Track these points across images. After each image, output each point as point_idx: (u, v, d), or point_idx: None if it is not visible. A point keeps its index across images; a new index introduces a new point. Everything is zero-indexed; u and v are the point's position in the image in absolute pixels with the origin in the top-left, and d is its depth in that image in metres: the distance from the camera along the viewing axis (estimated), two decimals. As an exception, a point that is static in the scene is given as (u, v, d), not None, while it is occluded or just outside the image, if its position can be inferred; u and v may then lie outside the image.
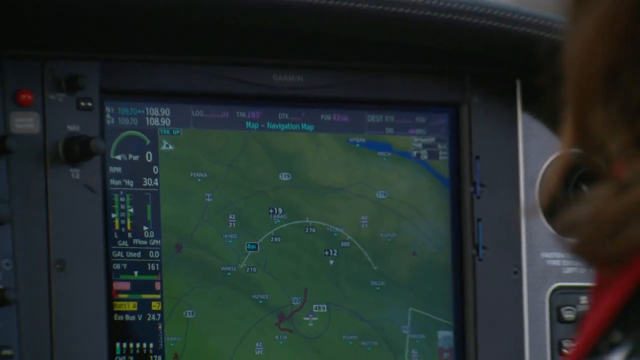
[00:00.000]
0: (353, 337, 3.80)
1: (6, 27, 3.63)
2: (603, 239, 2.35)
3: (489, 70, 3.82)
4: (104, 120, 3.68)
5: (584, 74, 2.30)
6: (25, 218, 3.62)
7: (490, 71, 3.82)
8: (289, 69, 3.82)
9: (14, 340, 3.58)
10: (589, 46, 2.29)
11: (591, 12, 2.30)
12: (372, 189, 3.87)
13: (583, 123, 2.33)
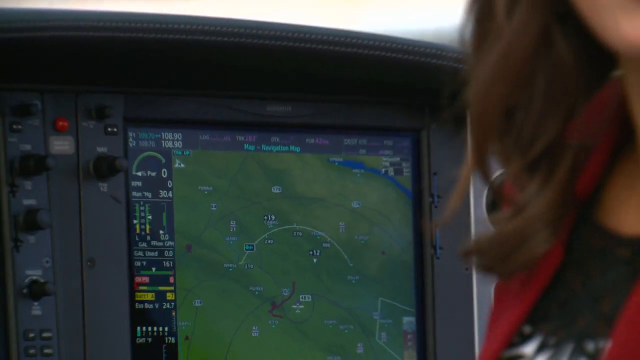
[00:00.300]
0: (333, 322, 3.82)
1: (46, 67, 3.66)
2: (504, 258, 2.35)
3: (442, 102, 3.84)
4: (127, 143, 3.69)
5: (484, 111, 2.31)
6: (62, 223, 3.62)
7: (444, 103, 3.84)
8: (280, 101, 3.83)
9: (53, 324, 3.59)
10: (486, 88, 2.29)
11: (487, 59, 2.33)
12: (348, 199, 3.88)
13: (482, 152, 2.35)
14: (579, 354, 2.30)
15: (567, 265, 2.38)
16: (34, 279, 3.60)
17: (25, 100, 3.60)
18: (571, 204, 2.39)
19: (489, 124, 2.36)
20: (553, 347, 2.33)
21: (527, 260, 2.36)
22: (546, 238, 2.36)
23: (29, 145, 3.60)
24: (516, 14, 2.31)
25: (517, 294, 2.42)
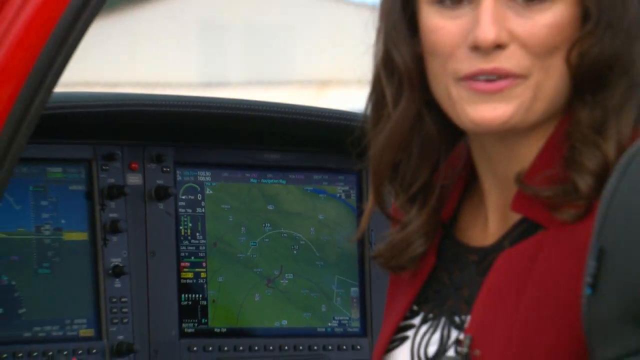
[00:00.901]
0: (306, 291, 3.90)
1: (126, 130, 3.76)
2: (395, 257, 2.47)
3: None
4: (175, 178, 3.79)
5: (378, 167, 2.41)
6: (134, 229, 3.75)
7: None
8: (272, 151, 3.91)
9: (128, 293, 3.70)
10: (380, 152, 2.39)
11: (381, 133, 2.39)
12: (316, 214, 3.94)
13: (378, 192, 2.45)
14: (450, 325, 2.42)
15: (438, 266, 2.49)
16: (116, 264, 3.68)
17: (111, 150, 3.70)
18: (438, 225, 2.49)
19: (382, 175, 2.44)
20: (432, 320, 2.45)
21: (409, 259, 2.46)
22: (421, 244, 2.46)
23: (113, 179, 3.70)
24: (400, 104, 2.40)
25: (407, 284, 2.51)
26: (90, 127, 3.71)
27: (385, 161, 2.46)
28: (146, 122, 3.81)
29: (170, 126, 3.83)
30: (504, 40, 2.33)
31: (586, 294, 2.08)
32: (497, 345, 2.37)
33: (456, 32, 2.37)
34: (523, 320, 2.35)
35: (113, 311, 3.67)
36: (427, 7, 2.40)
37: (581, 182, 2.32)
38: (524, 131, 2.41)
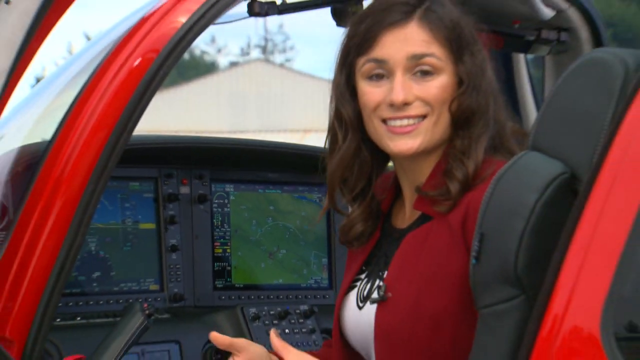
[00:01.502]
0: (294, 261, 3.79)
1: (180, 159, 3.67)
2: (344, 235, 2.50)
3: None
4: (211, 189, 3.70)
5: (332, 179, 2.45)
6: (184, 222, 3.64)
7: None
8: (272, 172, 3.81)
9: (180, 262, 3.60)
10: (332, 172, 2.42)
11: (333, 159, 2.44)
12: (300, 212, 3.84)
13: (332, 196, 2.50)
14: (376, 277, 2.45)
15: (379, 240, 2.53)
16: (173, 244, 3.59)
17: (170, 171, 3.63)
18: (374, 215, 2.52)
19: (334, 185, 2.50)
20: (369, 275, 2.50)
21: (354, 236, 2.51)
22: (360, 226, 2.49)
23: (171, 190, 3.61)
24: (346, 141, 2.45)
25: (360, 253, 2.54)
26: (157, 156, 3.62)
27: (337, 176, 2.49)
28: (193, 154, 3.71)
29: (208, 156, 3.73)
30: (410, 100, 2.36)
31: (472, 263, 2.10)
32: (402, 291, 2.37)
33: (380, 95, 2.39)
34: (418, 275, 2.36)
35: (170, 274, 3.58)
36: (362, 81, 2.41)
37: (452, 187, 2.34)
38: (425, 154, 2.42)
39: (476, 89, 2.38)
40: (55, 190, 2.58)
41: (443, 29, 2.36)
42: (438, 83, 2.37)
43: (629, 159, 1.91)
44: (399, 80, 2.36)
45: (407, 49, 2.35)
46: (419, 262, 2.35)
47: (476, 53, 2.39)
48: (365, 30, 2.38)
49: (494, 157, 2.39)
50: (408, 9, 2.36)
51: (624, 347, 1.86)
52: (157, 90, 2.62)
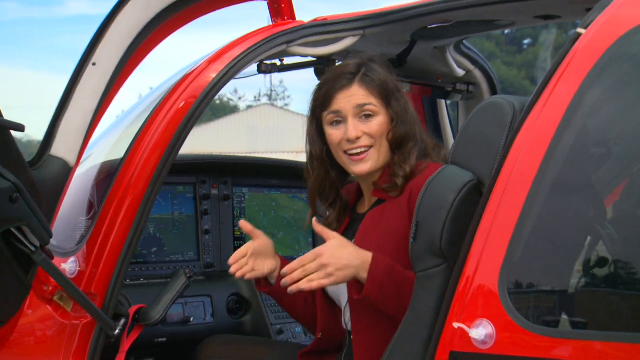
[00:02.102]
0: (289, 240, 3.69)
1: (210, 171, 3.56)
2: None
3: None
4: (233, 191, 3.60)
5: (312, 193, 2.40)
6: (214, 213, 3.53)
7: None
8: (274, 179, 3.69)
9: (212, 242, 3.50)
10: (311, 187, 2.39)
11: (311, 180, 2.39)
12: (294, 207, 3.72)
13: (313, 204, 2.44)
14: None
15: (349, 224, 2.48)
16: (207, 229, 3.48)
17: (204, 179, 3.51)
18: (345, 214, 2.47)
19: (313, 197, 2.46)
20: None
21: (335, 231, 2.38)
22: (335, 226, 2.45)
23: (205, 191, 3.50)
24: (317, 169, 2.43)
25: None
26: (195, 169, 3.52)
27: (314, 192, 2.48)
28: (220, 167, 3.61)
29: (231, 169, 3.63)
30: (359, 135, 2.36)
31: (411, 242, 2.08)
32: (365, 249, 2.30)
33: (340, 135, 2.39)
34: (377, 238, 2.33)
35: (205, 249, 3.49)
36: (327, 127, 2.42)
37: (398, 181, 2.34)
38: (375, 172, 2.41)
39: (403, 122, 2.39)
40: (126, 192, 2.57)
41: (375, 86, 2.40)
42: (377, 122, 2.40)
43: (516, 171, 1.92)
44: (351, 123, 2.39)
45: (353, 102, 2.39)
46: (377, 230, 2.35)
47: (400, 98, 2.41)
48: (324, 93, 2.43)
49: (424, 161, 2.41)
50: (351, 77, 2.41)
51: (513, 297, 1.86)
52: (196, 124, 2.62)
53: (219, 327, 3.27)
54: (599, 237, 1.96)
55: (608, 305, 1.83)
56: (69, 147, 2.40)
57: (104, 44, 2.43)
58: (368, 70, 2.40)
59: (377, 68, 2.41)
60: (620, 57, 1.85)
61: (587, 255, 1.93)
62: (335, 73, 2.41)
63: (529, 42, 26.21)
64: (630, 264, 1.88)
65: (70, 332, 2.50)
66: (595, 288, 1.90)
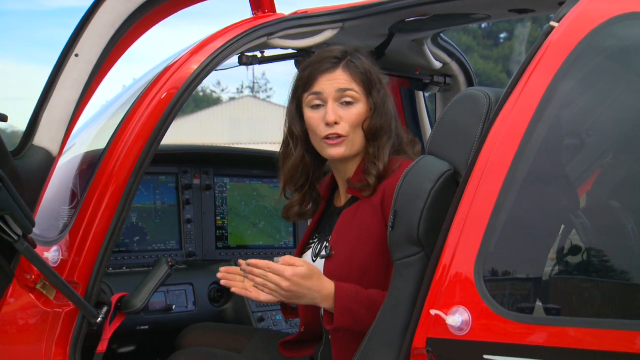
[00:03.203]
0: (270, 229, 3.68)
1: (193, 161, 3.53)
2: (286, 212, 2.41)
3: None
4: (214, 181, 3.59)
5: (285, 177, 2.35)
6: (196, 203, 3.52)
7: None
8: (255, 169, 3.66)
9: (194, 231, 3.49)
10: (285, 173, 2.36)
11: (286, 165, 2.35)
12: (274, 196, 3.69)
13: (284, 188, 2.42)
14: (324, 240, 2.38)
15: (326, 216, 2.47)
16: (189, 218, 3.47)
17: (186, 169, 3.51)
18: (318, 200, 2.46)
19: (286, 182, 2.42)
20: (320, 239, 2.42)
21: (293, 214, 2.44)
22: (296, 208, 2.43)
23: (187, 181, 3.50)
24: (295, 150, 2.39)
25: (311, 225, 2.47)
26: (178, 159, 3.51)
27: (288, 176, 2.46)
28: (202, 157, 3.59)
29: (212, 159, 3.61)
30: (338, 120, 2.34)
31: (389, 231, 2.08)
32: (340, 249, 2.32)
33: (319, 118, 2.37)
34: (352, 238, 2.32)
35: (186, 238, 3.48)
36: (307, 109, 2.39)
37: (370, 180, 2.32)
38: (349, 158, 2.39)
39: (380, 114, 2.37)
40: (109, 181, 2.56)
41: (359, 74, 2.37)
42: (356, 110, 2.38)
43: (492, 161, 1.92)
44: (330, 106, 2.36)
45: (335, 85, 2.37)
46: (352, 229, 2.33)
47: (380, 90, 2.39)
48: (308, 74, 2.40)
49: (397, 157, 2.39)
50: (336, 61, 2.39)
51: (489, 285, 1.87)
52: (179, 115, 2.61)
53: (200, 315, 3.26)
54: (572, 226, 1.97)
55: (581, 292, 1.85)
56: (52, 138, 2.38)
57: (87, 35, 2.41)
58: (353, 57, 2.38)
59: (363, 57, 2.39)
60: (591, 50, 1.86)
61: (561, 244, 1.94)
62: (321, 56, 2.39)
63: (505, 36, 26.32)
64: (602, 252, 1.90)
65: (52, 320, 2.49)
66: (569, 276, 1.91)
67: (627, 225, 1.86)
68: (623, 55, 1.92)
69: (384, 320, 2.06)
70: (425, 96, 3.40)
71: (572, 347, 1.71)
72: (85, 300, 2.46)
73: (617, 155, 2.01)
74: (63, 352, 2.46)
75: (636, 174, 1.91)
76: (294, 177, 2.45)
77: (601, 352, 1.68)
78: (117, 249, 3.29)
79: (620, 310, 1.78)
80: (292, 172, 2.44)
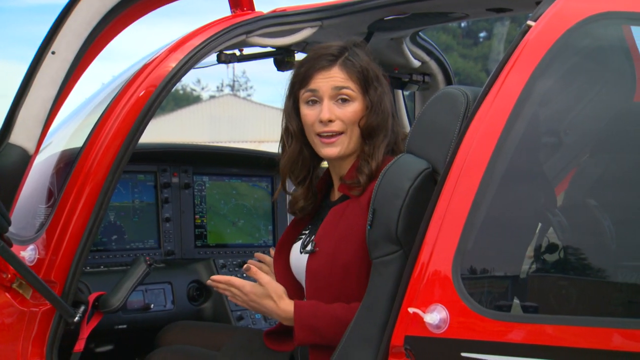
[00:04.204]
0: (249, 228, 3.66)
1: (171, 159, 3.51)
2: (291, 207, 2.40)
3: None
4: (193, 179, 3.56)
5: (284, 170, 2.34)
6: (174, 201, 3.49)
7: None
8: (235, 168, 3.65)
9: (172, 229, 3.46)
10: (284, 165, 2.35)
11: (285, 157, 2.34)
12: (253, 195, 3.68)
13: (284, 182, 2.40)
14: (312, 235, 2.37)
15: (320, 210, 2.45)
16: (167, 216, 3.45)
17: (165, 167, 3.50)
18: (313, 196, 2.44)
19: (285, 174, 2.40)
20: (310, 232, 2.41)
21: (297, 208, 2.43)
22: (302, 202, 2.41)
23: (166, 180, 3.47)
24: (292, 145, 2.37)
25: (302, 220, 2.45)
26: (156, 157, 3.49)
27: (287, 169, 2.44)
28: (181, 155, 3.57)
29: (191, 157, 3.59)
30: (333, 118, 2.34)
31: (368, 229, 2.09)
32: (324, 246, 2.32)
33: (314, 115, 2.36)
34: (336, 236, 2.31)
35: (165, 237, 3.46)
36: (302, 105, 2.38)
37: (361, 178, 2.32)
38: (344, 157, 2.39)
39: (377, 112, 2.36)
40: (86, 179, 2.54)
41: (356, 72, 2.36)
42: (352, 108, 2.36)
43: (469, 159, 1.92)
44: (325, 104, 2.35)
45: (331, 83, 2.35)
46: (337, 227, 2.33)
47: (378, 88, 2.37)
48: (304, 71, 2.38)
49: (392, 156, 2.38)
50: (332, 58, 2.37)
51: (467, 283, 1.87)
52: (159, 114, 2.60)
53: (179, 314, 3.25)
54: (549, 224, 1.98)
55: (558, 290, 1.86)
56: (28, 135, 2.36)
57: (64, 32, 2.39)
58: (351, 54, 2.37)
59: (360, 53, 2.38)
60: (568, 49, 1.87)
61: (538, 242, 1.96)
62: (318, 53, 2.38)
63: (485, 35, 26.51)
64: (578, 250, 1.91)
65: (29, 320, 2.47)
66: (546, 273, 1.92)
67: (604, 223, 1.88)
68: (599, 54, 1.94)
69: (362, 319, 2.07)
70: (405, 95, 3.40)
71: (549, 344, 1.72)
72: (62, 299, 2.45)
73: (594, 153, 2.02)
74: (40, 352, 2.44)
75: (612, 172, 1.93)
76: (294, 171, 2.45)
77: (577, 349, 1.69)
78: (95, 247, 3.27)
79: (597, 307, 1.79)
80: (290, 166, 2.44)
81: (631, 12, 1.81)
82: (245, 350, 2.54)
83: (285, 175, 2.47)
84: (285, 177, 2.48)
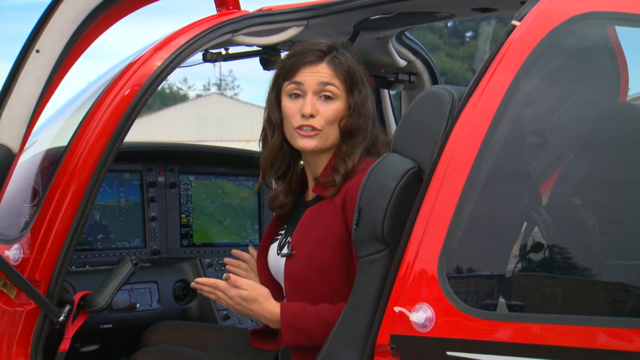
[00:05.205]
0: (236, 227, 3.66)
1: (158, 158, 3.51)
2: (271, 203, 2.39)
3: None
4: (179, 178, 3.56)
5: (264, 165, 2.32)
6: (160, 200, 3.49)
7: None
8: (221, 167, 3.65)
9: (158, 228, 3.46)
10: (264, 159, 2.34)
11: (265, 150, 2.31)
12: (239, 194, 3.67)
13: (263, 176, 2.38)
14: (288, 236, 2.37)
15: (296, 209, 2.45)
16: (153, 215, 3.45)
17: (150, 166, 3.49)
18: (292, 193, 2.44)
19: (265, 169, 2.39)
20: (286, 233, 2.41)
21: (277, 205, 2.43)
22: (282, 198, 2.41)
23: (151, 179, 3.47)
24: (273, 138, 2.36)
25: (283, 217, 2.45)
26: (142, 156, 3.48)
27: (267, 162, 2.43)
28: (167, 155, 3.57)
29: (177, 156, 3.59)
30: (314, 113, 2.34)
31: (354, 228, 2.08)
32: (301, 248, 2.32)
33: (295, 108, 2.35)
34: (312, 238, 2.31)
35: (151, 236, 3.45)
36: (285, 98, 2.38)
37: (337, 178, 2.32)
38: (322, 152, 2.38)
39: (359, 114, 2.36)
40: (71, 178, 2.54)
41: (342, 71, 2.36)
42: (334, 106, 2.36)
43: (455, 159, 1.92)
44: (309, 98, 2.35)
45: (317, 78, 2.35)
46: (312, 229, 2.33)
47: (362, 90, 2.37)
48: (291, 64, 2.38)
49: (367, 156, 2.37)
50: (321, 54, 2.37)
51: (452, 282, 1.88)
52: (145, 113, 2.60)
53: (165, 313, 3.24)
54: (535, 224, 1.99)
55: (543, 289, 1.86)
56: (12, 134, 2.34)
57: (48, 31, 2.37)
58: (339, 53, 2.37)
59: (348, 55, 2.38)
60: (552, 49, 1.87)
61: (523, 241, 1.97)
62: (306, 48, 2.38)
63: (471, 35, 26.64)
64: (564, 249, 1.92)
65: (13, 319, 2.46)
66: (531, 272, 1.93)
67: (589, 222, 1.89)
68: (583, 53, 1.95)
69: (348, 318, 2.07)
70: (391, 94, 3.40)
71: (535, 342, 1.72)
72: (47, 299, 2.44)
73: (579, 153, 2.03)
74: (24, 352, 2.44)
75: (597, 172, 1.94)
76: (273, 165, 2.43)
77: (563, 347, 1.70)
78: (80, 246, 3.26)
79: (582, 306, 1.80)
80: (270, 159, 2.42)
81: (615, 12, 1.82)
82: (230, 349, 2.54)
83: (266, 168, 2.46)
84: (265, 170, 2.46)
